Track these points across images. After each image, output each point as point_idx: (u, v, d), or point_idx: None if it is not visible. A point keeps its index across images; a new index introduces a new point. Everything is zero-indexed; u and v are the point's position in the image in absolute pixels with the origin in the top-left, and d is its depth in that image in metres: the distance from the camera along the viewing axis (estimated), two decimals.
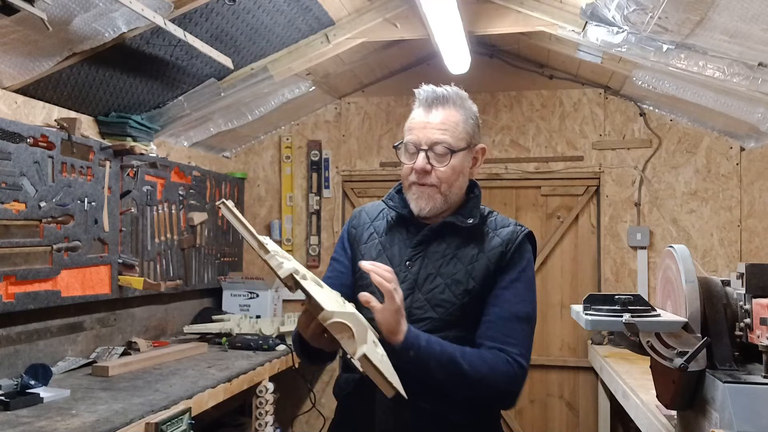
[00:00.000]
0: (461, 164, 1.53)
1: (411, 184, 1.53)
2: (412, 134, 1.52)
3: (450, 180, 1.51)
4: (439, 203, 1.52)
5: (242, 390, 2.63)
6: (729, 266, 3.43)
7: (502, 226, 1.56)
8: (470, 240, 1.54)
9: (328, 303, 1.23)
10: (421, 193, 1.52)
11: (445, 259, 1.52)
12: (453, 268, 1.50)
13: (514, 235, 1.54)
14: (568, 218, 3.76)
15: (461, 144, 1.51)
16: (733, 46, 2.16)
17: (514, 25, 2.90)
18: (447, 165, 1.50)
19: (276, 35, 2.93)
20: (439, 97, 1.52)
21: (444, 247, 1.53)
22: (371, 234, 1.63)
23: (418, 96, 1.55)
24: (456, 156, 1.50)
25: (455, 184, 1.53)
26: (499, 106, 3.81)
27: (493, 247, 1.52)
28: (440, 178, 1.50)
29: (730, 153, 3.49)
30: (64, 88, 2.53)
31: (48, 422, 1.81)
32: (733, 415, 1.31)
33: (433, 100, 1.52)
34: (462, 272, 1.50)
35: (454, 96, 1.54)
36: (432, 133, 1.50)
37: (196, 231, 3.44)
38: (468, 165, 1.56)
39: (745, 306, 1.45)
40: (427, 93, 1.53)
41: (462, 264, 1.51)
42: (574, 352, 3.74)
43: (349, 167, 3.97)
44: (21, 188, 2.25)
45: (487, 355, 1.42)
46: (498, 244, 1.52)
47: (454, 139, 1.50)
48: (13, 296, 2.22)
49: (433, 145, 1.49)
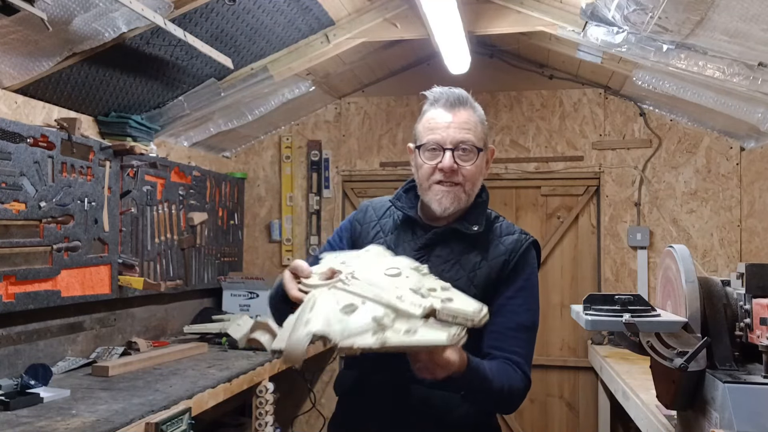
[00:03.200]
0: (483, 164, 1.55)
1: (433, 184, 1.53)
2: (435, 134, 1.51)
3: (474, 178, 1.53)
4: (463, 202, 1.53)
5: (242, 390, 2.62)
6: (729, 266, 3.43)
7: (507, 233, 1.57)
8: (474, 246, 1.54)
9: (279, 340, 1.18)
10: (446, 193, 1.51)
11: (447, 264, 1.52)
12: (455, 274, 1.50)
13: (518, 244, 1.54)
14: (568, 218, 3.76)
15: (481, 144, 1.53)
16: (733, 46, 2.16)
17: (514, 25, 2.90)
18: (473, 163, 1.51)
19: (276, 35, 2.93)
20: (460, 98, 1.54)
21: (448, 252, 1.53)
22: (377, 232, 1.63)
23: (434, 97, 1.56)
24: (480, 155, 1.53)
25: (477, 183, 1.55)
26: (499, 106, 3.81)
27: (497, 256, 1.52)
28: (466, 176, 1.51)
29: (730, 153, 3.49)
30: (64, 88, 2.53)
31: (48, 422, 1.81)
32: (733, 415, 1.31)
33: (455, 101, 1.53)
34: (464, 279, 1.49)
35: (470, 99, 1.57)
36: (457, 132, 1.50)
37: (196, 231, 3.44)
38: (483, 167, 1.57)
39: (745, 306, 1.45)
40: (447, 94, 1.55)
41: (464, 271, 1.51)
42: (574, 352, 3.74)
43: (349, 167, 3.97)
44: (21, 188, 2.25)
45: (505, 368, 1.43)
46: (502, 253, 1.52)
47: (477, 139, 1.52)
48: (13, 296, 2.22)
49: (459, 144, 1.50)
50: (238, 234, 3.97)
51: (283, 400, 3.61)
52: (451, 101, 1.53)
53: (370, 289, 1.22)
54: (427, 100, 1.58)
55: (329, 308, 1.17)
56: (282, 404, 3.61)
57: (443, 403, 1.46)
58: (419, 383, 1.44)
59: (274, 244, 4.05)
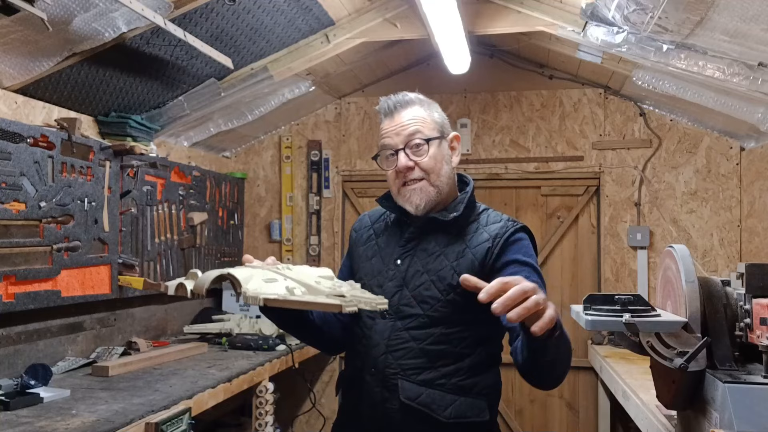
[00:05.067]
0: (440, 152, 1.56)
1: (400, 187, 1.56)
2: (386, 140, 1.57)
3: (435, 169, 1.54)
4: (432, 194, 1.54)
5: (242, 390, 2.62)
6: (729, 266, 3.43)
7: (493, 221, 1.56)
8: (459, 237, 1.54)
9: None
10: (413, 191, 1.54)
11: (432, 256, 1.54)
12: (439, 265, 1.52)
13: (502, 230, 1.52)
14: (568, 218, 3.76)
15: (434, 133, 1.55)
16: (733, 46, 2.16)
17: (514, 25, 2.90)
18: (427, 155, 1.53)
19: (276, 35, 2.93)
20: (399, 101, 1.57)
21: (433, 244, 1.55)
22: (370, 236, 1.68)
23: (379, 109, 1.60)
24: (432, 144, 1.54)
25: (441, 173, 1.55)
26: (499, 106, 3.81)
27: (480, 243, 1.52)
28: (426, 169, 1.53)
29: (730, 153, 3.49)
30: (64, 88, 2.53)
31: (48, 422, 1.81)
32: (733, 415, 1.31)
33: (394, 105, 1.57)
34: (447, 268, 1.51)
35: (414, 97, 1.59)
36: (404, 130, 1.54)
37: (196, 231, 3.44)
38: (447, 153, 1.58)
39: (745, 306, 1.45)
40: (386, 101, 1.59)
41: (448, 261, 1.52)
42: (574, 352, 3.70)
43: (349, 167, 3.97)
44: (21, 188, 2.25)
45: None
46: (485, 240, 1.52)
47: (427, 129, 1.55)
48: (13, 296, 2.22)
49: (408, 141, 1.53)
50: (238, 234, 3.97)
51: (283, 400, 3.61)
52: (391, 106, 1.57)
53: (296, 275, 1.34)
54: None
55: (254, 274, 1.29)
56: (282, 404, 3.61)
57: (432, 401, 1.46)
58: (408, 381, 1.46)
59: (274, 244, 4.05)
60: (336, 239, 3.97)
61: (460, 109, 3.83)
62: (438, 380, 1.48)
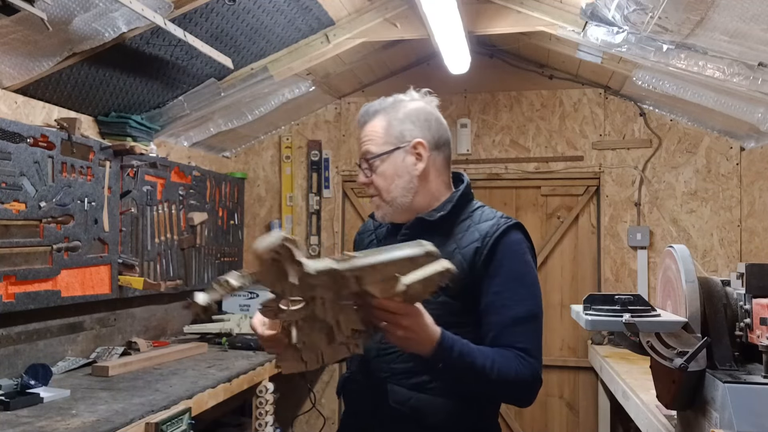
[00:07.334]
0: (392, 167, 1.51)
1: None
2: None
3: (385, 185, 1.52)
4: (386, 210, 1.54)
5: (242, 390, 2.62)
6: (729, 266, 3.43)
7: (486, 219, 1.50)
8: (450, 236, 1.50)
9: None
10: (375, 205, 1.57)
11: None
12: None
13: (492, 228, 1.46)
14: (568, 218, 3.75)
15: (385, 148, 1.51)
16: (733, 46, 2.16)
17: (514, 25, 2.90)
18: (376, 173, 1.52)
19: (276, 35, 2.93)
20: (366, 113, 1.57)
21: None
22: (372, 240, 1.67)
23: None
24: (382, 160, 1.51)
25: (392, 188, 1.51)
26: (499, 106, 3.81)
27: (470, 243, 1.46)
28: (378, 186, 1.53)
29: (730, 153, 3.49)
30: (64, 88, 2.53)
31: (48, 422, 1.81)
32: (733, 415, 1.31)
33: (361, 117, 1.57)
34: None
35: (382, 105, 1.56)
36: (361, 147, 1.55)
37: (196, 231, 3.44)
38: (409, 163, 1.51)
39: (745, 306, 1.45)
40: (359, 113, 1.59)
41: None
42: (574, 352, 3.73)
43: (349, 167, 3.97)
44: (21, 188, 2.25)
45: (501, 352, 1.39)
46: (475, 239, 1.46)
47: (376, 146, 1.52)
48: (13, 296, 2.22)
49: (362, 159, 1.55)
50: (238, 234, 3.97)
51: (283, 400, 3.60)
52: (360, 121, 1.58)
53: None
54: None
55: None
56: (282, 404, 3.61)
57: (421, 406, 1.43)
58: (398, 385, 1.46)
59: None
60: (336, 239, 3.97)
61: (460, 109, 3.83)
62: (428, 384, 1.44)
